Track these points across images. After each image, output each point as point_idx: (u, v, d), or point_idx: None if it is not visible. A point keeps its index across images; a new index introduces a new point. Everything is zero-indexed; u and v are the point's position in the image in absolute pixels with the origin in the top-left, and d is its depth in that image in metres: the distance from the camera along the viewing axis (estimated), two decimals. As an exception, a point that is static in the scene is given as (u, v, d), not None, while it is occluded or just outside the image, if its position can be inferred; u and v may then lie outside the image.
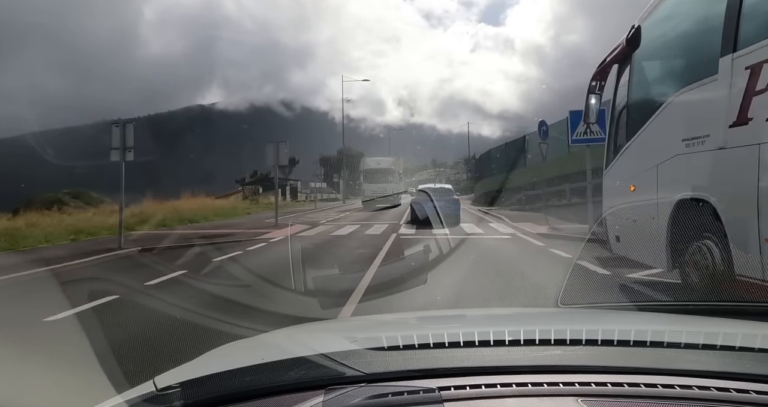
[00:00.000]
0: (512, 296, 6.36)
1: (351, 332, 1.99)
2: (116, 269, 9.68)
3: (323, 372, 1.28)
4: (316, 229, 16.62)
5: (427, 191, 18.15)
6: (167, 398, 1.20)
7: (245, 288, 7.26)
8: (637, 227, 6.04)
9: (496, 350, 1.43)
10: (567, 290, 3.39)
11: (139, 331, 5.06)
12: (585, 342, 1.42)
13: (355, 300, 5.96)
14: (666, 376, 1.20)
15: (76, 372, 3.18)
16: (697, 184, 4.94)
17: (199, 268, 8.71)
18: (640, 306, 5.07)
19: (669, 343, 1.42)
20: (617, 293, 6.04)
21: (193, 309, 5.52)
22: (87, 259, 10.39)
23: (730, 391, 1.14)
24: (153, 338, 4.70)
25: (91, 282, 8.00)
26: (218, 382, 1.30)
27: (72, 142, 53.91)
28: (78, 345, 3.95)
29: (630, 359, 1.33)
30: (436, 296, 6.11)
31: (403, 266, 8.83)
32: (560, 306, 3.14)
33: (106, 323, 5.24)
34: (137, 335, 4.91)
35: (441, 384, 1.18)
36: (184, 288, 7.37)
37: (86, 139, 61.56)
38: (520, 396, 1.14)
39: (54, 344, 4.62)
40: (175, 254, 10.71)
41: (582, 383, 1.17)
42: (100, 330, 4.72)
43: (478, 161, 46.54)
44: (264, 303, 5.85)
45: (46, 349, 4.42)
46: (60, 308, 5.74)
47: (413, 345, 1.42)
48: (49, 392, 2.94)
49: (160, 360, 3.65)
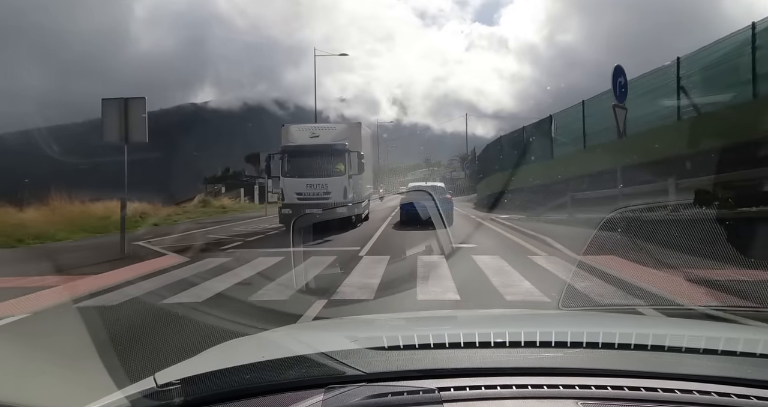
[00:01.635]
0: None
1: (352, 331, 1.99)
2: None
3: (323, 370, 1.28)
4: (170, 274, 8.39)
5: (418, 189, 17.58)
6: (167, 394, 1.21)
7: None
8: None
9: (496, 351, 1.43)
10: (568, 293, 3.40)
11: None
12: (586, 344, 1.42)
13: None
14: (667, 380, 1.19)
15: (76, 367, 3.15)
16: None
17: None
18: (642, 309, 5.08)
19: (670, 347, 1.41)
20: (618, 296, 5.96)
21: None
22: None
23: (731, 396, 1.14)
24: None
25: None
26: (218, 379, 1.30)
27: (60, 139, 53.26)
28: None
29: (631, 362, 1.32)
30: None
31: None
32: (561, 308, 3.14)
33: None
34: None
35: (441, 385, 1.18)
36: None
37: (75, 137, 61.04)
38: (520, 398, 1.14)
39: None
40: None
41: (582, 386, 1.17)
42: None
43: (482, 155, 36.92)
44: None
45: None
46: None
47: (414, 346, 1.42)
48: (50, 388, 2.94)
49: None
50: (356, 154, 16.26)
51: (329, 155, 15.98)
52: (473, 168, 46.76)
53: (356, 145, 16.91)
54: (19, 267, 9.35)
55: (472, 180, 45.35)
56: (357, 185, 16.57)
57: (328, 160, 16.00)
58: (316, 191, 15.57)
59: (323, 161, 16.01)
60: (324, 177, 15.72)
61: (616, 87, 11.52)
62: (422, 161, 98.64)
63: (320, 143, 16.27)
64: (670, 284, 5.96)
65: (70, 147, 48.01)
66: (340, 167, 15.91)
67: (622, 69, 11.79)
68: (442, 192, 17.77)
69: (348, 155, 16.00)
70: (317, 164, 15.97)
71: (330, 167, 15.96)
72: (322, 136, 16.80)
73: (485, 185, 29.54)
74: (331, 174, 15.82)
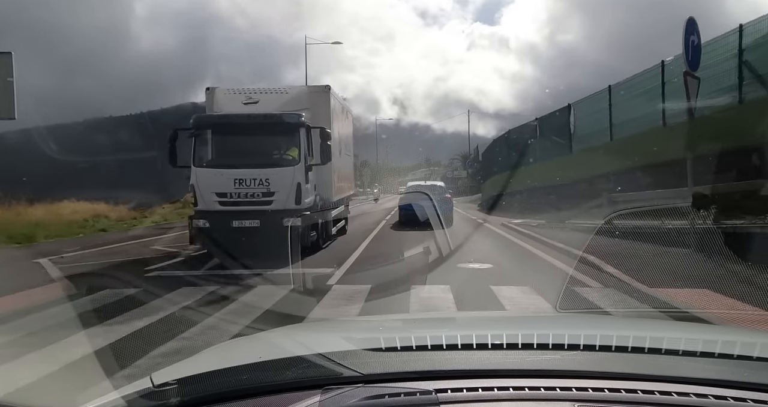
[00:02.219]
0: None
1: (349, 332, 1.99)
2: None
3: (320, 371, 1.28)
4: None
5: (417, 189, 17.14)
6: (164, 394, 1.20)
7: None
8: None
9: (493, 353, 1.43)
10: (565, 296, 3.39)
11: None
12: (583, 347, 1.42)
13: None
14: (663, 383, 1.20)
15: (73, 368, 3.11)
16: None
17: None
18: (639, 313, 5.08)
19: (667, 350, 1.42)
20: (615, 300, 5.94)
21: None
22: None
23: (728, 399, 1.14)
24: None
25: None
26: (215, 380, 1.30)
27: (60, 138, 53.42)
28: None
29: (628, 365, 1.32)
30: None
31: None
32: (559, 310, 3.15)
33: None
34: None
35: (438, 387, 1.18)
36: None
37: (75, 135, 61.11)
38: (517, 400, 1.14)
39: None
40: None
41: (579, 388, 1.17)
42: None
43: (487, 152, 34.34)
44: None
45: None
46: None
47: (411, 347, 1.42)
48: (46, 387, 2.93)
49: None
50: (319, 131, 10.19)
51: (272, 131, 10.03)
52: (476, 167, 44.54)
53: (321, 118, 10.91)
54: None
55: (474, 180, 43.45)
56: (322, 181, 11.12)
57: (271, 140, 10.23)
58: (251, 191, 9.65)
59: (262, 141, 10.20)
60: (263, 167, 9.73)
61: (687, 49, 8.49)
62: (422, 160, 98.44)
63: (258, 112, 10.23)
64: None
65: (69, 146, 48.08)
66: (293, 152, 9.95)
67: (695, 25, 8.54)
68: (441, 192, 17.58)
69: (306, 132, 9.96)
70: (252, 147, 10.04)
71: (274, 150, 10.26)
72: (264, 102, 10.62)
73: (491, 185, 26.40)
74: (275, 163, 9.97)
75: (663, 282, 5.63)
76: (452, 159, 69.74)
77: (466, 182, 50.64)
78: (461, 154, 63.19)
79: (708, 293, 5.35)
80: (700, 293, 5.35)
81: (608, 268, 7.29)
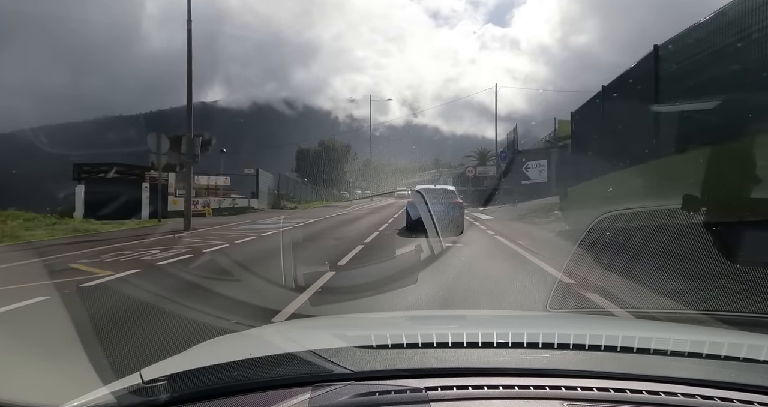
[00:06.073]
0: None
1: (340, 329, 1.99)
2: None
3: (311, 368, 1.28)
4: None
5: (425, 192, 15.87)
6: (153, 390, 1.20)
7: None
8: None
9: (484, 352, 1.43)
10: (556, 295, 3.40)
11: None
12: (573, 346, 1.43)
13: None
14: (652, 383, 1.21)
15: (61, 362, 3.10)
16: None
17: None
18: (629, 312, 5.10)
19: (655, 350, 1.43)
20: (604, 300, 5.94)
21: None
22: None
23: (714, 399, 1.15)
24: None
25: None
26: (205, 376, 1.29)
27: (71, 137, 53.08)
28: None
29: (616, 364, 1.33)
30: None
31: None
32: (549, 310, 3.16)
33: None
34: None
35: (428, 384, 1.18)
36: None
37: (86, 134, 60.76)
38: (507, 399, 1.14)
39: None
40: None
41: (568, 387, 1.18)
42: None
43: (580, 123, 15.37)
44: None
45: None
46: None
47: (402, 345, 1.42)
48: (34, 383, 2.91)
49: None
50: None
51: None
52: (512, 159, 31.78)
53: None
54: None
55: (514, 180, 30.37)
56: None
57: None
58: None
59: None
60: None
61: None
62: (431, 161, 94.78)
63: None
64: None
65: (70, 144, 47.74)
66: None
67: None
68: (452, 196, 16.34)
69: None
70: None
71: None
72: None
73: (587, 191, 12.41)
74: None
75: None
76: (466, 157, 58.07)
77: (492, 182, 34.79)
78: (477, 150, 53.24)
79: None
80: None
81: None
